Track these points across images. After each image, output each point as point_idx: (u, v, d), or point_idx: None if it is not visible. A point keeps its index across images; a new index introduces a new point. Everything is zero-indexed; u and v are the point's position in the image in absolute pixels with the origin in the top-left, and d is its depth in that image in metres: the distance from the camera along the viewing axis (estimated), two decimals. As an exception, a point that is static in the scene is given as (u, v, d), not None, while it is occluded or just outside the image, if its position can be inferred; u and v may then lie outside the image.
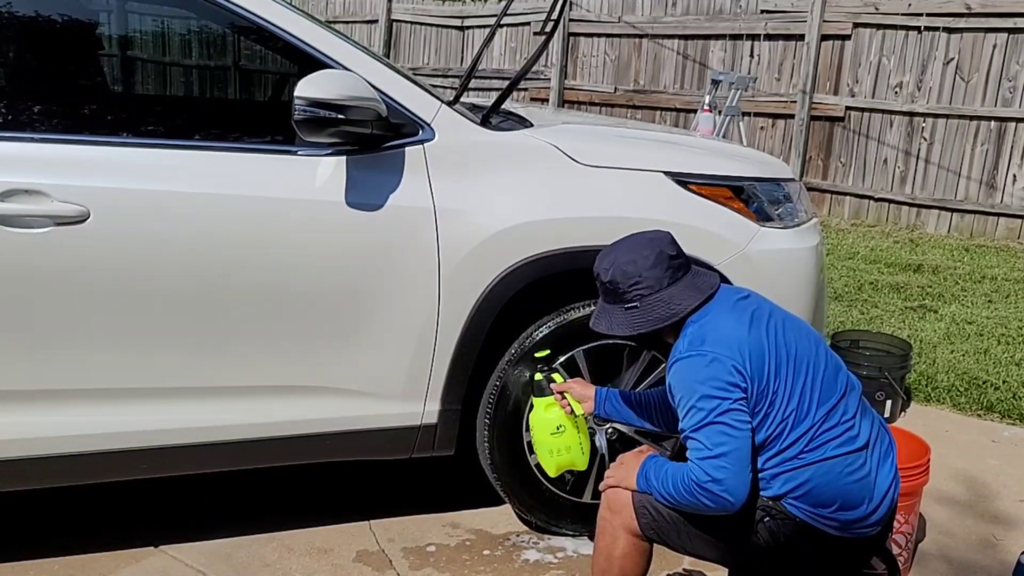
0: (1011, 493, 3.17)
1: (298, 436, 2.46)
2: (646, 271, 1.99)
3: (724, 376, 1.86)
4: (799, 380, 1.91)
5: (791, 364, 1.91)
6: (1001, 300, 5.66)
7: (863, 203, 8.18)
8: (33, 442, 2.27)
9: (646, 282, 1.99)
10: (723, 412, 1.84)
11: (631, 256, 2.02)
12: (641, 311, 2.00)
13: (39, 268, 2.18)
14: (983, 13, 7.35)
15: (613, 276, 2.02)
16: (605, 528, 2.07)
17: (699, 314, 1.99)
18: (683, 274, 2.02)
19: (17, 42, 2.42)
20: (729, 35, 8.76)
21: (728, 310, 1.99)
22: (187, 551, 2.60)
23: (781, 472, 1.91)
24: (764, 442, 1.91)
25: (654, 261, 2.00)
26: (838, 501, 1.91)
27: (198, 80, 4.18)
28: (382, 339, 2.44)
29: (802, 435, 1.90)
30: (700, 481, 1.84)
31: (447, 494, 3.00)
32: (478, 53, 2.78)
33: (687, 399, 1.89)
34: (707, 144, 3.32)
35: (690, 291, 2.00)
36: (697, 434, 1.86)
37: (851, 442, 1.92)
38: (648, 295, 1.99)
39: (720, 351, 1.88)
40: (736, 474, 1.83)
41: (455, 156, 2.47)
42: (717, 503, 1.84)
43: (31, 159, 2.19)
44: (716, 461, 1.83)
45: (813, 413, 1.91)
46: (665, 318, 1.98)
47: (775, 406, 1.89)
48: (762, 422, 1.89)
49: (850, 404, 1.97)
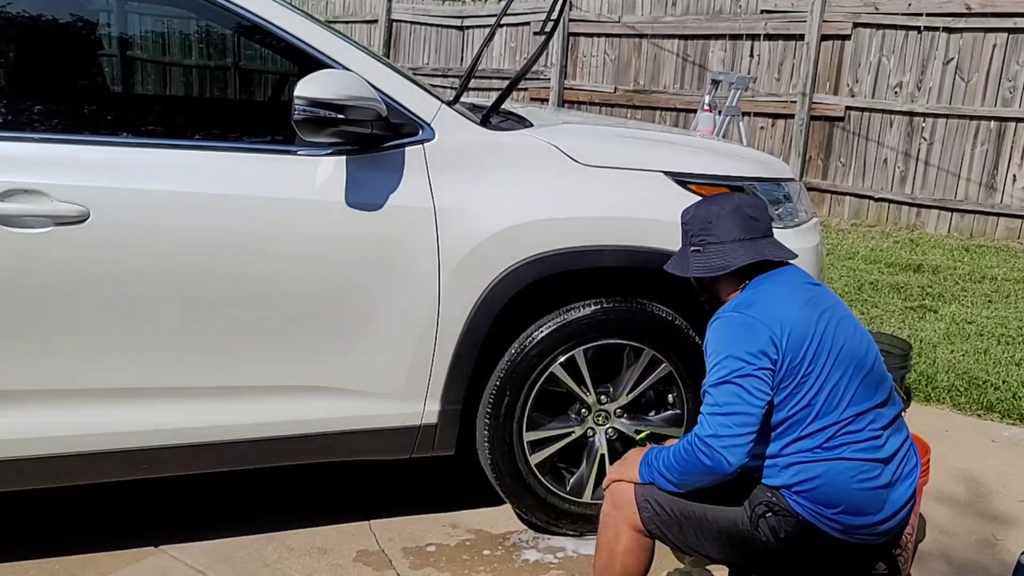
0: (1011, 493, 3.17)
1: (298, 436, 2.46)
2: (718, 219, 2.05)
3: (756, 342, 1.88)
4: (835, 374, 1.91)
5: (832, 356, 1.92)
6: (1001, 300, 5.66)
7: (863, 203, 8.18)
8: (33, 442, 2.27)
9: (715, 230, 2.04)
10: (744, 375, 1.86)
11: (712, 205, 2.11)
12: (702, 256, 2.06)
13: (39, 268, 2.18)
14: (983, 13, 7.35)
15: (691, 218, 2.11)
16: (608, 523, 2.08)
17: (758, 280, 2.03)
18: (755, 237, 2.05)
19: (17, 42, 2.42)
20: (729, 35, 8.76)
21: (789, 286, 2.02)
22: (187, 551, 2.60)
23: (795, 463, 1.92)
24: (785, 423, 1.91)
25: (730, 212, 2.05)
26: (844, 504, 1.90)
27: (198, 80, 4.18)
28: (382, 339, 2.43)
29: (825, 427, 1.90)
30: (702, 435, 1.87)
31: (447, 494, 3.00)
32: (478, 53, 2.78)
33: (716, 355, 1.92)
34: (707, 144, 3.32)
35: (751, 252, 2.03)
36: (713, 390, 1.90)
37: (872, 451, 1.92)
38: (713, 243, 2.04)
39: (761, 317, 1.91)
40: (738, 436, 1.84)
41: (455, 156, 2.47)
42: (713, 460, 1.85)
43: (31, 159, 2.19)
44: (723, 419, 1.85)
45: (842, 410, 1.91)
46: (718, 268, 2.03)
47: (803, 388, 1.89)
48: (786, 399, 1.90)
49: (883, 415, 1.96)
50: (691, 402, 2.71)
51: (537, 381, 2.60)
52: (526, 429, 2.64)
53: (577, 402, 2.69)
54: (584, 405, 2.69)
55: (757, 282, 2.03)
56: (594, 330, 2.61)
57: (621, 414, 2.72)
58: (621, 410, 2.71)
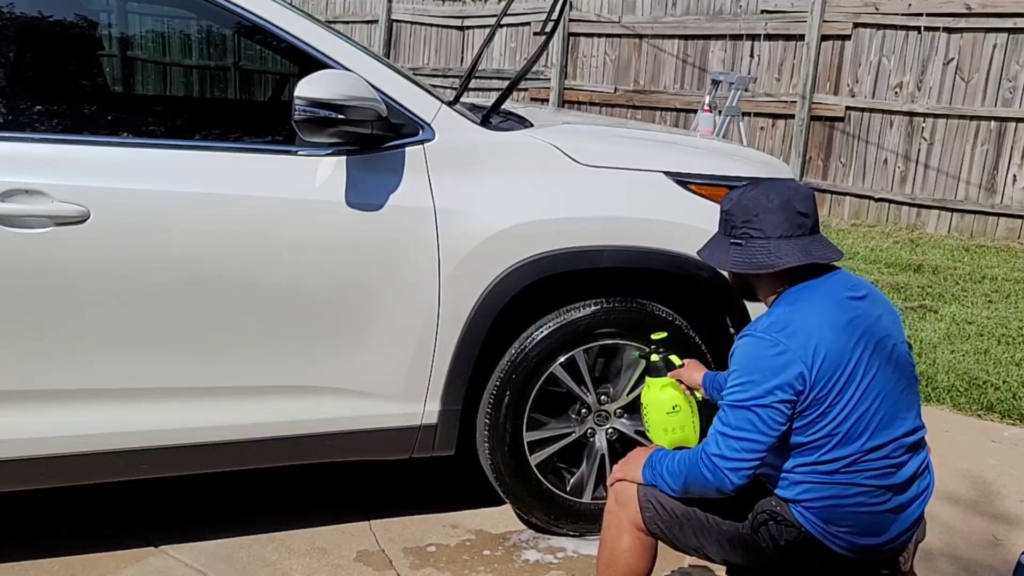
0: (1011, 493, 3.17)
1: (298, 436, 2.46)
2: (765, 213, 1.89)
3: (784, 375, 1.80)
4: (862, 405, 1.83)
5: (862, 387, 1.82)
6: (1001, 300, 5.66)
7: (863, 203, 8.18)
8: (33, 442, 2.27)
9: (760, 224, 1.89)
10: (762, 405, 1.81)
11: (759, 194, 1.92)
12: (743, 251, 1.91)
13: (39, 268, 2.17)
14: (983, 13, 7.35)
15: (733, 207, 1.94)
16: (611, 522, 2.08)
17: (797, 293, 1.89)
18: (803, 234, 1.89)
19: (17, 42, 2.43)
20: (729, 35, 8.76)
21: (829, 304, 1.87)
22: (187, 551, 2.60)
23: (806, 481, 1.88)
24: (803, 446, 1.86)
25: (778, 206, 1.88)
26: (852, 525, 1.88)
27: (198, 80, 4.19)
28: (382, 339, 2.43)
29: (843, 457, 1.84)
30: (709, 452, 1.85)
31: (447, 494, 3.00)
32: (478, 53, 2.78)
33: (739, 375, 1.85)
34: (707, 144, 3.32)
35: (798, 252, 1.87)
36: (729, 410, 1.86)
37: (887, 477, 1.87)
38: (757, 237, 1.89)
39: (793, 347, 1.80)
40: (744, 460, 1.83)
41: (455, 156, 2.47)
42: (716, 478, 1.84)
43: (31, 159, 2.19)
44: (732, 442, 1.83)
45: (863, 441, 1.84)
46: (762, 266, 1.88)
47: (827, 417, 1.82)
48: (807, 427, 1.84)
49: (905, 443, 1.89)
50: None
51: (537, 381, 2.60)
52: (526, 429, 2.63)
53: (577, 402, 2.69)
54: (584, 405, 2.69)
55: (796, 295, 1.90)
56: (594, 330, 2.61)
57: (621, 414, 2.72)
58: (621, 410, 2.71)
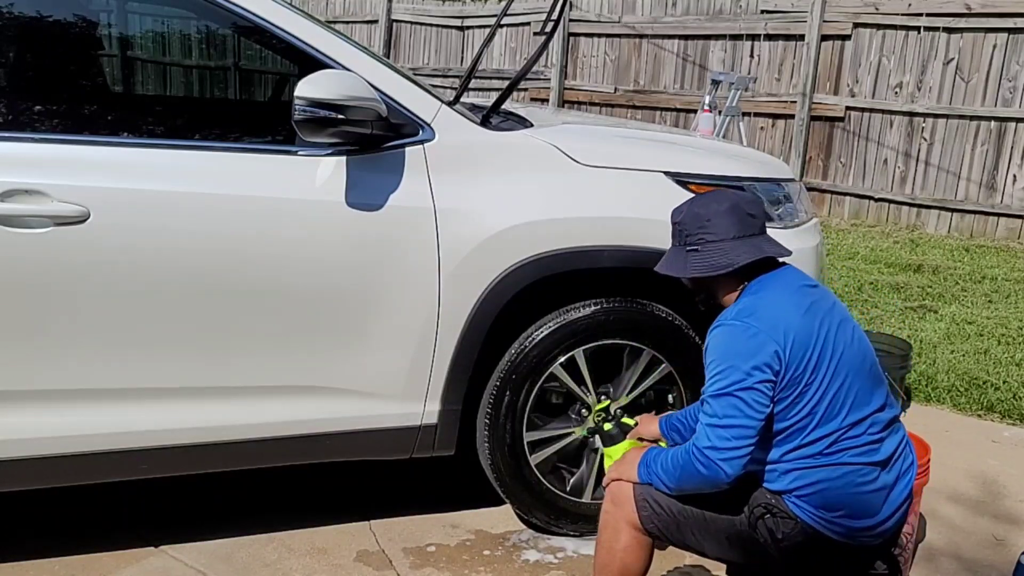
0: (1012, 493, 3.17)
1: (298, 436, 2.46)
2: (716, 217, 1.99)
3: (760, 355, 1.86)
4: (836, 382, 1.90)
5: (832, 364, 1.90)
6: (1001, 300, 5.66)
7: (863, 203, 8.18)
8: (34, 442, 2.27)
9: (712, 228, 1.99)
10: (744, 388, 1.85)
11: (708, 202, 2.05)
12: (700, 256, 2.00)
13: (39, 268, 2.17)
14: (983, 13, 7.35)
15: (685, 217, 2.05)
16: (608, 521, 2.08)
17: (758, 284, 1.99)
18: (753, 234, 2.01)
19: (17, 42, 2.42)
20: (729, 35, 8.76)
21: (789, 291, 1.97)
22: (187, 551, 2.60)
23: (794, 468, 1.92)
24: (785, 431, 1.91)
25: (728, 209, 2.00)
26: (845, 508, 1.90)
27: (198, 80, 4.18)
28: (382, 339, 2.43)
29: (825, 435, 1.89)
30: (700, 445, 1.87)
31: (447, 494, 3.00)
32: (478, 53, 2.78)
33: (716, 364, 1.90)
34: (707, 144, 3.32)
35: (752, 249, 1.99)
36: (713, 400, 1.88)
37: (871, 454, 1.92)
38: (711, 241, 1.99)
39: (765, 328, 1.88)
40: (736, 448, 1.84)
41: (455, 156, 2.47)
42: (710, 470, 1.86)
43: (31, 159, 2.19)
44: (721, 431, 1.85)
45: (842, 418, 1.90)
46: (720, 267, 1.98)
47: (804, 398, 1.88)
48: (787, 409, 1.89)
49: (881, 419, 1.96)
50: (691, 402, 2.71)
51: (537, 381, 2.60)
52: (526, 429, 2.63)
53: (577, 402, 2.69)
54: (584, 405, 2.69)
55: (757, 286, 1.99)
56: (594, 330, 2.61)
57: (622, 414, 2.72)
58: (621, 410, 2.71)
